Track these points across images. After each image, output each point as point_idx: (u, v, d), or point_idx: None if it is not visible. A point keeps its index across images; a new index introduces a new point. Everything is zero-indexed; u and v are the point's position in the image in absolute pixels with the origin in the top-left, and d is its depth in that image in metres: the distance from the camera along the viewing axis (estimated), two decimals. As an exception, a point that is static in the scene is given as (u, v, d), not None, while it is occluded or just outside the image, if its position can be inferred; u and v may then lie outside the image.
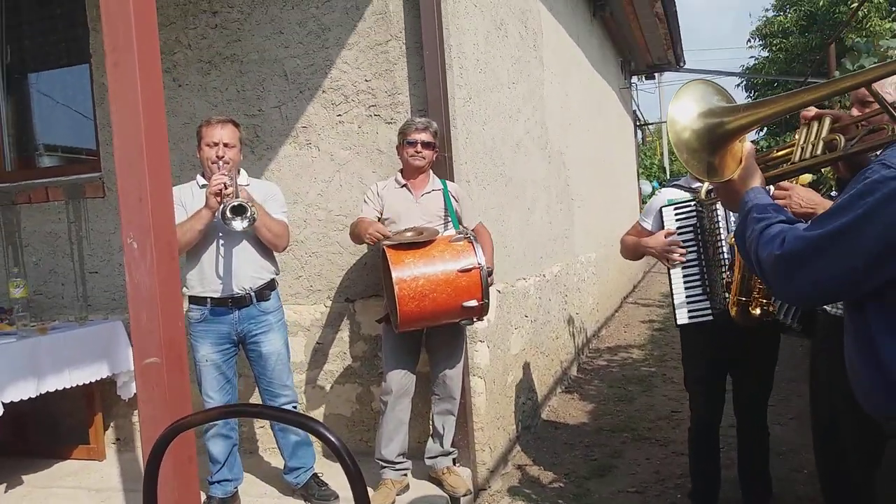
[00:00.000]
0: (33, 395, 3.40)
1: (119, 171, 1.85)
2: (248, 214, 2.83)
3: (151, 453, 1.44)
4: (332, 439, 1.28)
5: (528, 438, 4.31)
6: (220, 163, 3.02)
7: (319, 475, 3.31)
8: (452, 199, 3.30)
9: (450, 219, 3.26)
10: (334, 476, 3.29)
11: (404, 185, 3.28)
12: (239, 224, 2.83)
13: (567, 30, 6.59)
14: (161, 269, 1.86)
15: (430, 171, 3.32)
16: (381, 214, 3.25)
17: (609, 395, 5.33)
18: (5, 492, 3.57)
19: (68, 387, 3.60)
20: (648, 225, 3.10)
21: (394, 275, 2.87)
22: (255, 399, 3.67)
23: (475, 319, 3.10)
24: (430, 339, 3.31)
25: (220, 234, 3.09)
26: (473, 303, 2.95)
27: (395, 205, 3.24)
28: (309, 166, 3.85)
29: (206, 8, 3.92)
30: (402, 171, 3.33)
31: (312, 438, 3.26)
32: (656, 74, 14.60)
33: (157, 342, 1.86)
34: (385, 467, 3.22)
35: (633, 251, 3.17)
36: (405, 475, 3.29)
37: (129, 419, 4.13)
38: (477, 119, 3.91)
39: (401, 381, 3.20)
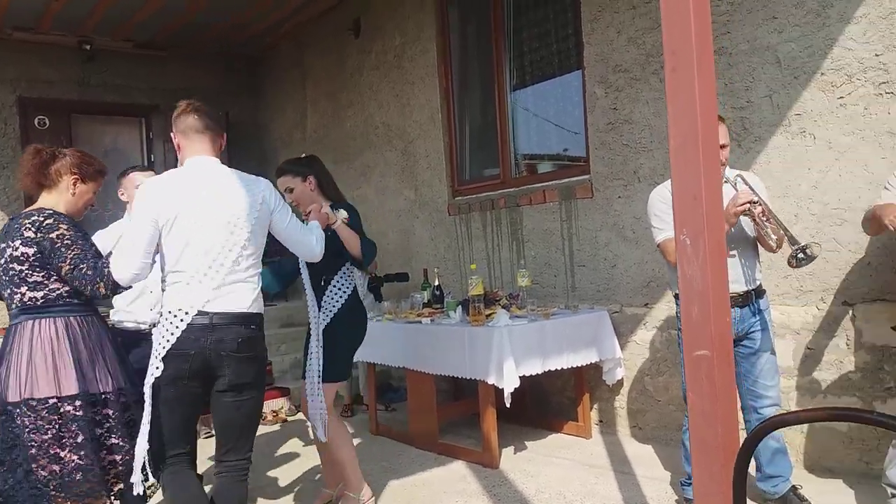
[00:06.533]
0: (540, 372, 3.89)
1: (674, 169, 1.95)
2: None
3: (743, 447, 1.47)
4: None
5: None
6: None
7: (798, 487, 3.11)
8: None
9: None
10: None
11: None
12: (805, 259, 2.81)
13: None
14: (713, 264, 1.91)
15: None
16: None
17: None
18: (514, 453, 4.15)
19: (565, 367, 4.02)
20: None
21: None
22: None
23: None
24: None
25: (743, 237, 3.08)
26: None
27: None
28: (802, 156, 3.57)
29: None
30: None
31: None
32: None
33: (708, 335, 1.91)
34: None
35: None
36: None
37: (611, 403, 4.41)
38: None
39: None
